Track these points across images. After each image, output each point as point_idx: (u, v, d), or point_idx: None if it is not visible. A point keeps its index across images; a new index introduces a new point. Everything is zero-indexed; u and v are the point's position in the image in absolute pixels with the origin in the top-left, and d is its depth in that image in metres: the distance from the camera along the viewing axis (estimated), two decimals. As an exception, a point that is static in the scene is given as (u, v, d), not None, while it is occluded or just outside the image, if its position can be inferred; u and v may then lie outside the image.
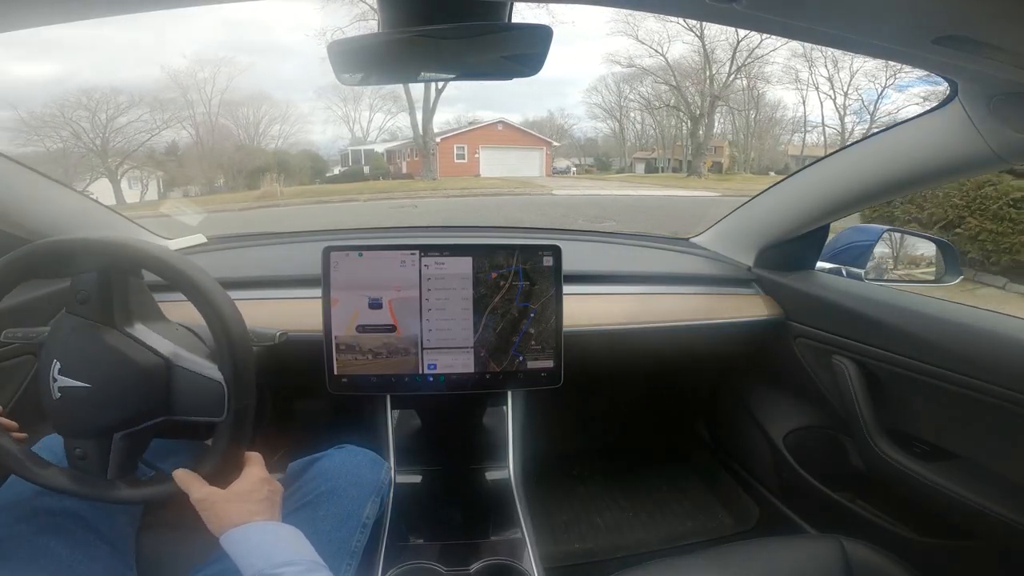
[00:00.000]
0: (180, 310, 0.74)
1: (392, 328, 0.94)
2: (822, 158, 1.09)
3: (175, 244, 1.30)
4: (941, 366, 0.90)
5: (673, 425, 1.78)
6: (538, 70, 0.64)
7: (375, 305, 0.94)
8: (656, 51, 19.73)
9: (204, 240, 1.37)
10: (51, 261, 0.64)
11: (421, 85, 15.64)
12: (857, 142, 0.98)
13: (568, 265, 0.98)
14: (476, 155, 20.57)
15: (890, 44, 0.55)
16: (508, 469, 1.03)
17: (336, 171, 22.00)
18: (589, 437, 1.77)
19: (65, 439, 0.65)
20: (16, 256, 0.63)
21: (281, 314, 1.04)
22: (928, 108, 0.80)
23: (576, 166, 24.71)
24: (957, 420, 0.94)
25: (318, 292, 0.94)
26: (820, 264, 1.26)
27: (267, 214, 11.75)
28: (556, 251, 0.97)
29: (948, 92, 0.74)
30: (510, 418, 1.08)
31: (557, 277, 0.97)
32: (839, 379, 1.09)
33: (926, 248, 1.26)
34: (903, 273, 1.27)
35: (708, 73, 19.71)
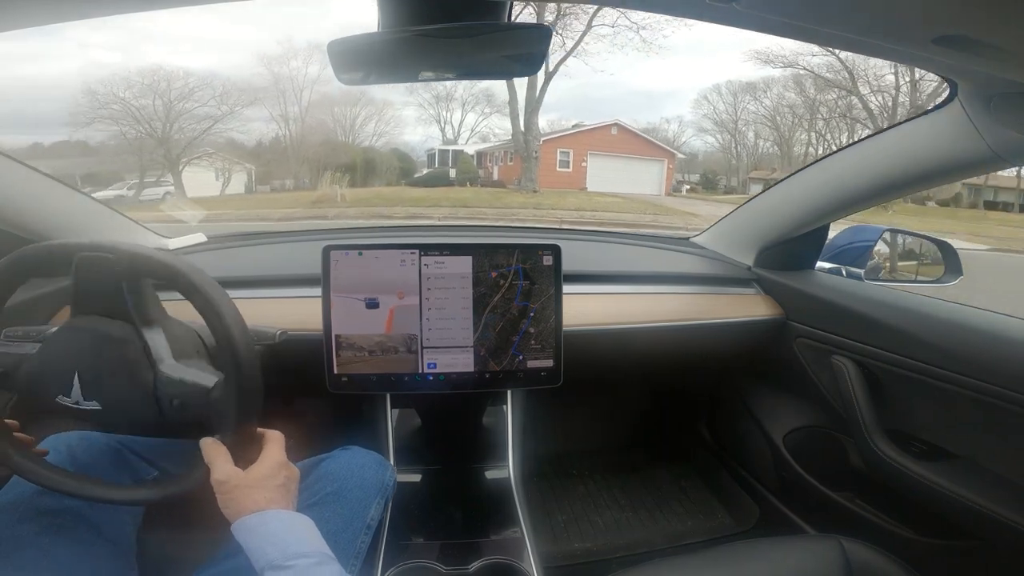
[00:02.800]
0: (180, 309, 0.74)
1: (392, 327, 0.95)
2: (822, 158, 1.09)
3: (175, 243, 1.30)
4: (941, 366, 0.90)
5: (673, 424, 1.78)
6: (537, 70, 0.65)
7: (375, 304, 0.94)
8: (828, 51, 14.90)
9: (204, 239, 1.37)
10: (46, 265, 0.64)
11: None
12: (857, 142, 0.98)
13: (568, 264, 0.98)
14: (583, 163, 17.48)
15: (890, 44, 0.55)
16: (508, 468, 1.03)
17: (423, 172, 20.74)
18: (589, 436, 1.77)
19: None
20: (13, 258, 0.63)
21: (281, 313, 1.04)
22: (928, 108, 0.80)
23: (683, 184, 21.45)
24: (956, 420, 0.94)
25: (318, 291, 0.94)
26: (820, 264, 1.26)
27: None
28: (556, 250, 0.97)
29: (948, 92, 0.74)
30: (510, 417, 1.08)
31: (557, 276, 0.97)
32: (839, 379, 1.09)
33: (925, 248, 1.26)
34: (902, 273, 1.27)
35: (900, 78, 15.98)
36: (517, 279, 0.96)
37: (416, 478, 1.02)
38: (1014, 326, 0.88)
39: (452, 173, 19.67)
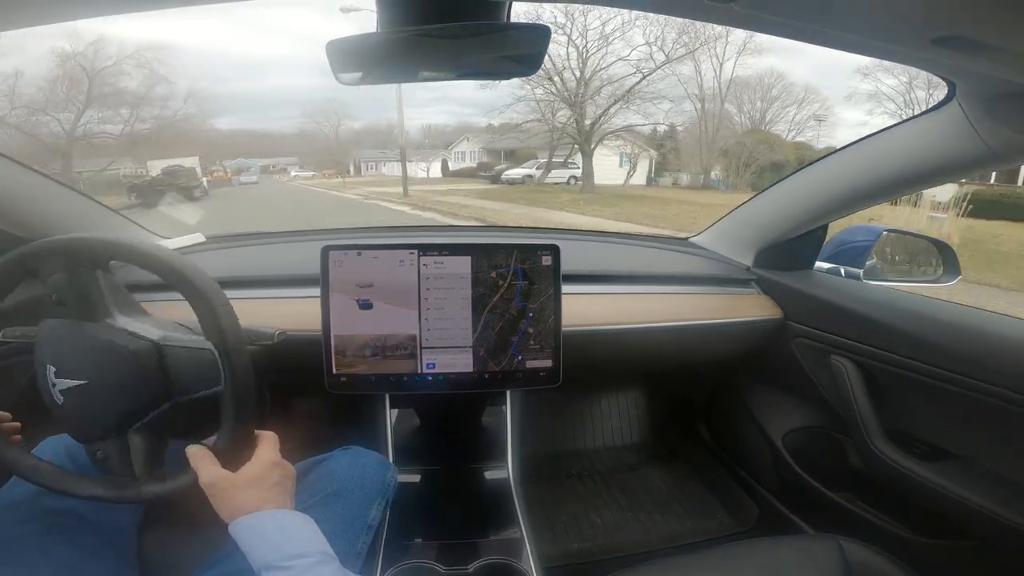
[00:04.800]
0: (179, 309, 0.74)
1: (391, 327, 0.94)
2: (822, 158, 1.09)
3: (174, 243, 1.30)
4: (940, 366, 0.90)
5: (672, 425, 1.78)
6: (536, 69, 0.65)
7: (374, 304, 0.94)
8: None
9: (203, 239, 1.37)
10: (45, 262, 0.64)
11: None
12: (856, 142, 0.98)
13: (567, 265, 0.98)
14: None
15: (889, 44, 0.55)
16: (507, 468, 1.03)
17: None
18: (588, 437, 1.77)
19: (84, 445, 0.64)
20: (13, 256, 0.63)
21: (279, 313, 1.04)
22: (927, 108, 0.81)
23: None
24: (956, 420, 0.94)
25: (317, 291, 0.93)
26: (818, 264, 1.26)
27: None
28: (555, 250, 0.97)
29: (947, 92, 0.74)
30: (509, 417, 1.08)
31: (556, 277, 0.97)
32: (838, 379, 1.09)
33: (924, 248, 1.26)
34: (901, 273, 1.27)
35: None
36: (516, 279, 0.96)
37: (415, 478, 1.02)
38: (1013, 326, 0.88)
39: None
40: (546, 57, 0.62)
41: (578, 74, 15.22)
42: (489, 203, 13.03)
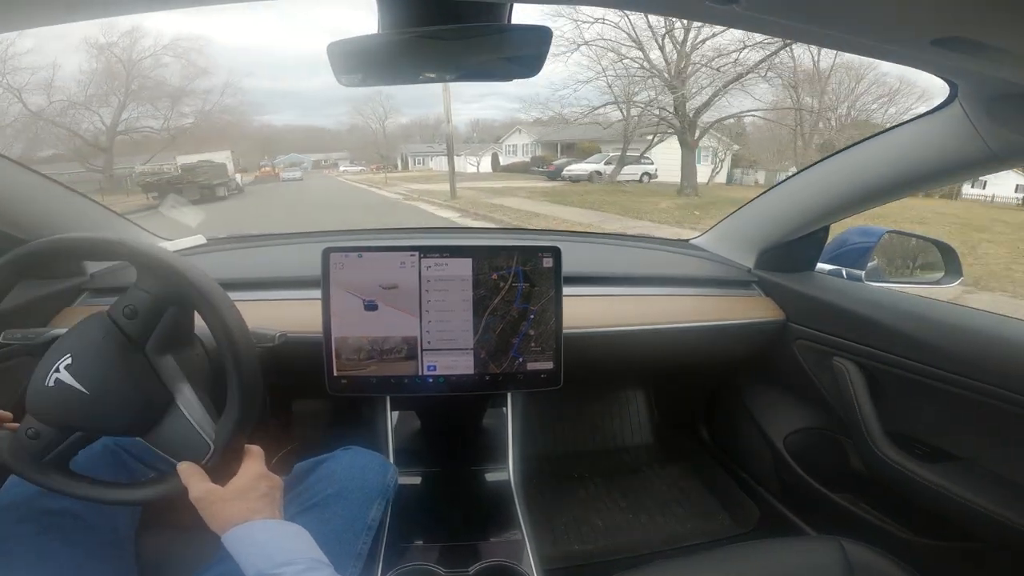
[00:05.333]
0: None
1: (392, 329, 0.94)
2: (822, 159, 1.09)
3: (174, 245, 1.30)
4: (941, 368, 0.90)
5: (673, 426, 1.78)
6: (537, 71, 0.64)
7: (375, 306, 0.94)
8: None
9: (204, 241, 1.37)
10: (49, 261, 0.64)
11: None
12: (857, 143, 0.98)
13: (568, 267, 0.98)
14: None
15: (890, 45, 0.55)
16: (508, 470, 1.03)
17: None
18: (588, 439, 1.76)
19: (27, 416, 0.64)
20: (13, 256, 0.63)
21: (281, 315, 1.04)
22: (928, 109, 0.80)
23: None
24: (957, 422, 0.94)
25: (318, 293, 0.93)
26: (820, 266, 1.26)
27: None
28: (556, 252, 0.97)
29: (948, 93, 0.74)
30: (510, 419, 1.08)
31: (557, 279, 0.97)
32: (839, 381, 1.09)
33: (926, 250, 1.26)
34: (903, 275, 1.27)
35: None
36: (517, 281, 0.96)
37: (416, 480, 1.02)
38: (1014, 327, 0.88)
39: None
40: (631, 27, 0.52)
41: (678, 47, 12.01)
42: (565, 211, 10.12)
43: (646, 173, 15.65)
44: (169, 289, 0.62)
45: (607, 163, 15.97)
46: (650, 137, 14.25)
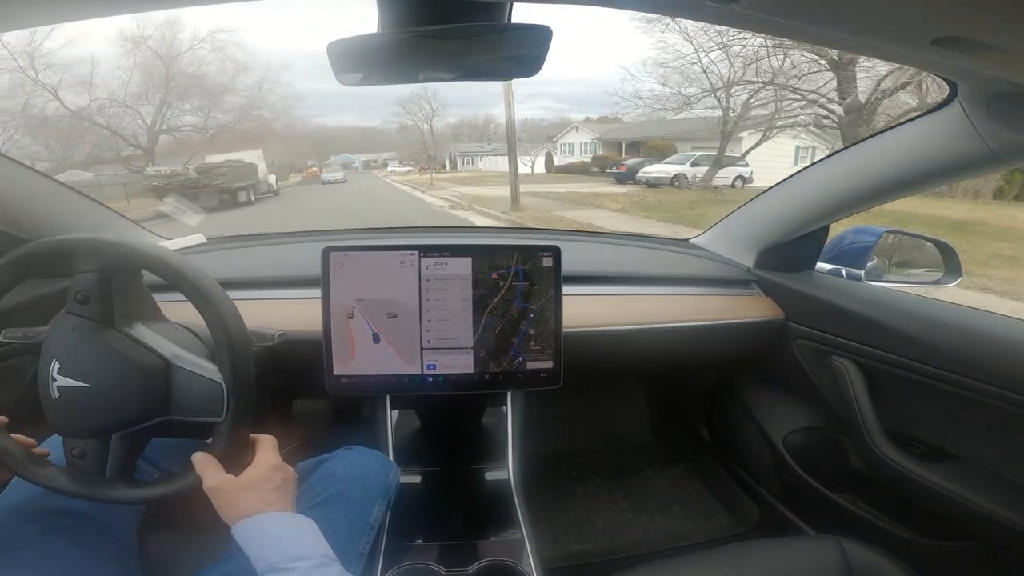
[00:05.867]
0: (181, 310, 0.74)
1: (391, 329, 0.94)
2: (823, 159, 1.09)
3: (174, 244, 1.30)
4: (941, 367, 0.90)
5: (673, 426, 1.78)
6: (537, 71, 0.64)
7: (374, 305, 0.94)
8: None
9: (203, 240, 1.37)
10: (50, 261, 0.64)
11: None
12: (857, 143, 0.98)
13: (568, 266, 0.98)
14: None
15: (890, 45, 0.55)
16: (508, 469, 1.03)
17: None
18: (589, 437, 1.76)
19: (64, 439, 0.64)
20: (14, 256, 0.63)
21: (280, 314, 1.04)
22: (928, 109, 0.80)
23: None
24: (957, 421, 0.94)
25: (317, 292, 0.93)
26: (820, 265, 1.26)
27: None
28: (556, 252, 0.97)
29: (948, 93, 0.74)
30: (510, 418, 1.08)
31: (557, 278, 0.97)
32: (839, 380, 1.09)
33: (926, 249, 1.26)
34: (902, 274, 1.27)
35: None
36: (517, 280, 0.96)
37: (416, 479, 1.02)
38: (1014, 327, 0.88)
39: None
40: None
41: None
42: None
43: (740, 177, 13.36)
44: (107, 260, 0.62)
45: (693, 164, 13.69)
46: (743, 135, 12.09)
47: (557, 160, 22.40)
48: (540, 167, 22.04)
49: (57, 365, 0.61)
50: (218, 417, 0.62)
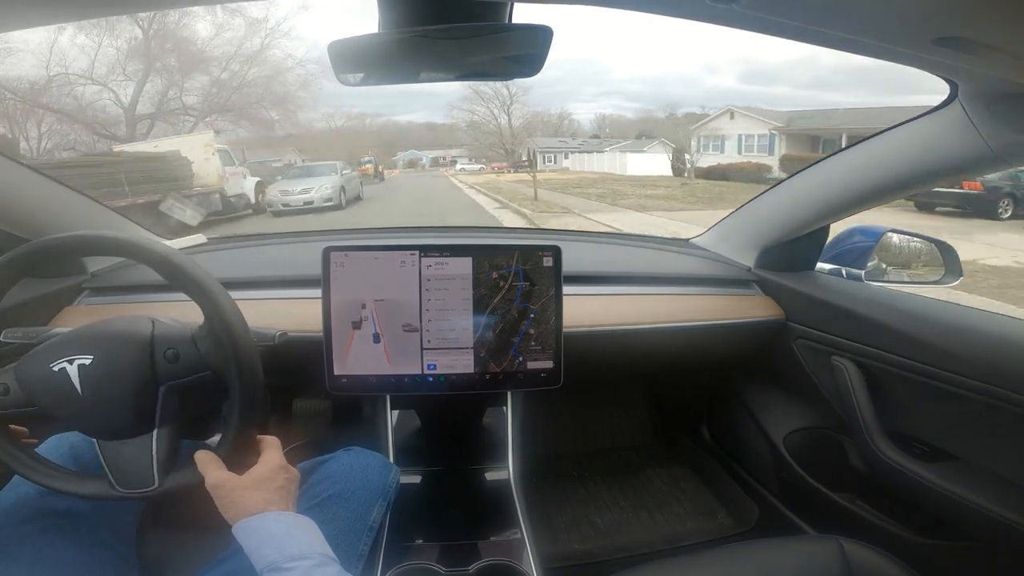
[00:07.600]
0: (181, 310, 0.75)
1: (392, 328, 0.94)
2: (823, 159, 1.09)
3: (174, 244, 1.30)
4: (941, 367, 0.90)
5: (673, 425, 1.78)
6: (538, 70, 0.64)
7: (375, 305, 0.94)
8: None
9: (204, 240, 1.37)
10: (56, 257, 0.64)
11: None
12: (857, 143, 0.98)
13: (568, 266, 0.98)
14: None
15: (890, 45, 0.55)
16: (508, 469, 1.03)
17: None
18: (588, 438, 1.76)
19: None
20: (15, 254, 0.64)
21: (280, 314, 1.04)
22: (929, 109, 0.80)
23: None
24: (957, 421, 0.94)
25: (318, 292, 0.93)
26: (820, 265, 1.26)
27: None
28: (556, 252, 0.97)
29: (948, 93, 0.74)
30: (510, 418, 1.08)
31: (557, 278, 0.97)
32: (839, 380, 1.09)
33: (926, 249, 1.26)
34: (903, 274, 1.27)
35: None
36: (517, 280, 0.96)
37: (416, 479, 1.02)
38: (1014, 327, 0.88)
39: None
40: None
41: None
42: None
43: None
44: (216, 359, 0.64)
45: None
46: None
47: (700, 159, 15.38)
48: (648, 167, 16.73)
49: (86, 361, 0.62)
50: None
